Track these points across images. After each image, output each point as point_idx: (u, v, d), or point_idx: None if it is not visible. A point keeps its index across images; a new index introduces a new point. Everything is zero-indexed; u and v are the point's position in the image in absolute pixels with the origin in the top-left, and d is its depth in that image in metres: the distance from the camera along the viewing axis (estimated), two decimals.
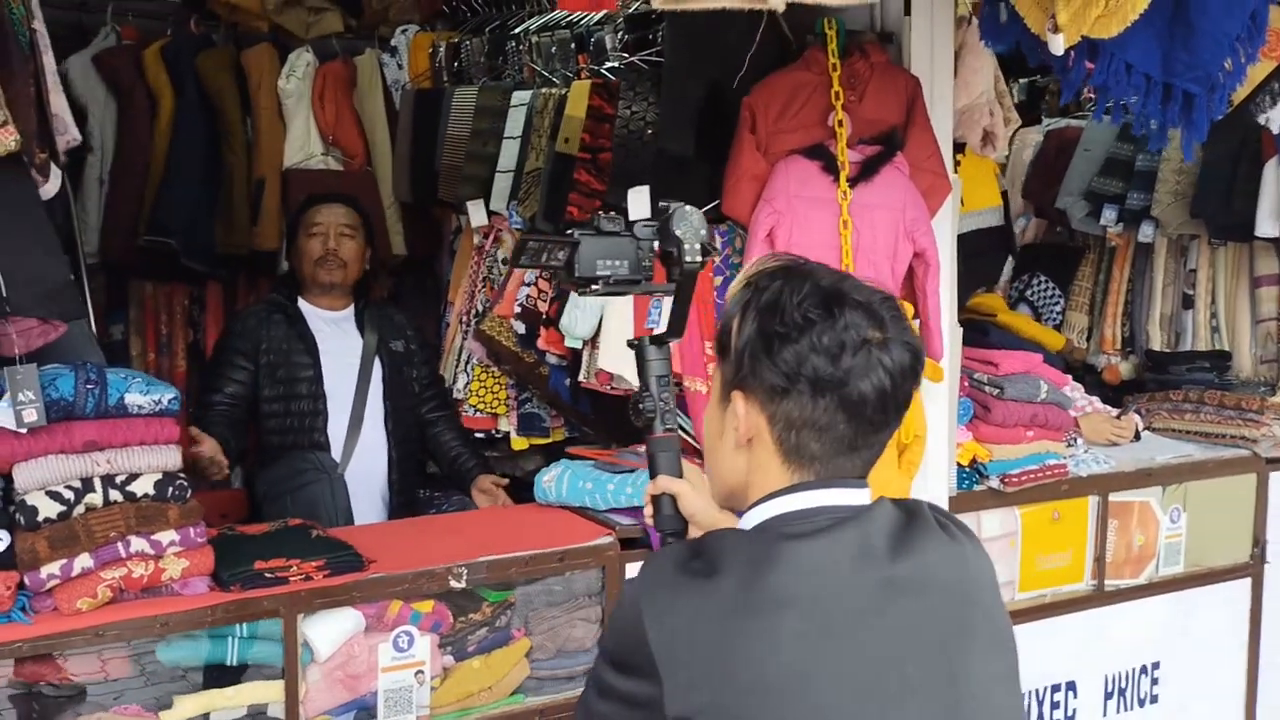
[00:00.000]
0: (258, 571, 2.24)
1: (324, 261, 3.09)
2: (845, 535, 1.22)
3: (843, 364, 1.20)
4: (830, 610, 1.19)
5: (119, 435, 2.12)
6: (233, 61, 3.96)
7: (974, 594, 1.28)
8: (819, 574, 1.20)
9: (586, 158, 2.96)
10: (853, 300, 1.23)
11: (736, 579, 1.20)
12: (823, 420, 1.22)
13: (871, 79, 2.74)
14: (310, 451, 3.00)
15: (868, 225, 2.66)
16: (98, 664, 2.13)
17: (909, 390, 1.25)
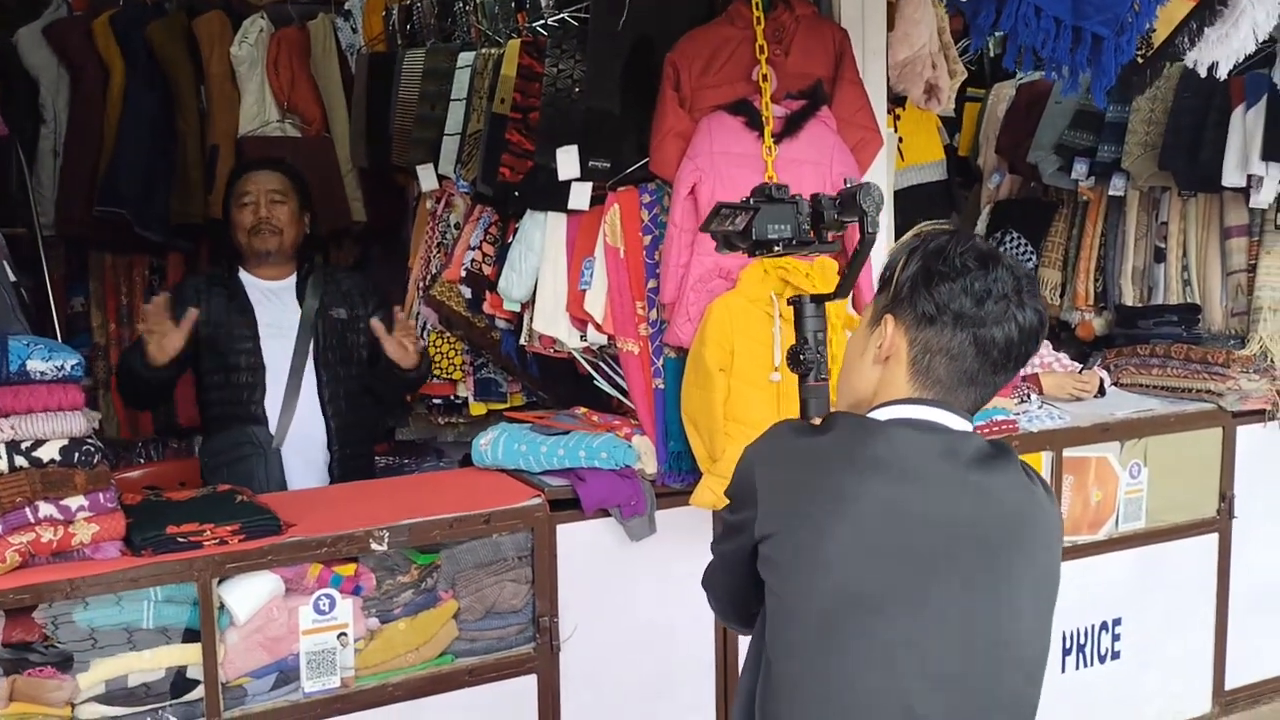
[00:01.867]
0: (170, 536, 2.26)
1: (258, 230, 3.05)
2: (940, 438, 1.44)
3: (985, 308, 1.42)
4: (911, 483, 1.40)
5: (22, 401, 2.13)
6: (184, 30, 3.93)
7: (1034, 528, 1.45)
8: (910, 452, 1.42)
9: (518, 117, 2.93)
10: (1005, 263, 1.45)
11: (840, 438, 1.45)
12: (955, 350, 1.44)
13: (797, 32, 2.70)
14: (248, 425, 2.98)
15: (794, 181, 2.59)
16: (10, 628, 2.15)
17: (1029, 349, 1.46)
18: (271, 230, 3.05)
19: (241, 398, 3.03)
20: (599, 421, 2.87)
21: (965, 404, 1.48)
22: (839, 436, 1.46)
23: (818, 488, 1.42)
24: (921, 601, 1.39)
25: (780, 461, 1.48)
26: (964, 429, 1.47)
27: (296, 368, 3.05)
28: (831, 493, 1.41)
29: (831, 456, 1.44)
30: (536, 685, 2.64)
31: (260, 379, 3.03)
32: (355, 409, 3.17)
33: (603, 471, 2.70)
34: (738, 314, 2.59)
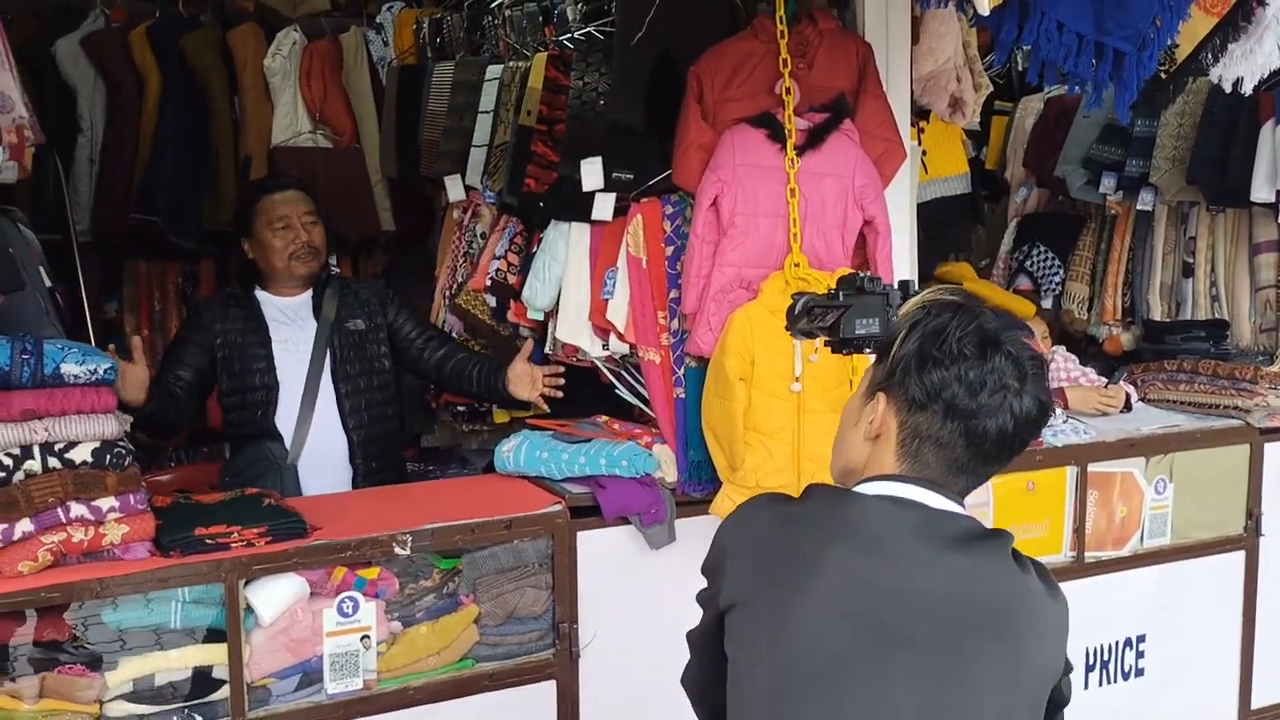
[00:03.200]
0: (198, 537, 2.29)
1: (298, 254, 3.04)
2: (919, 514, 1.40)
3: (979, 400, 1.38)
4: (879, 556, 1.36)
5: (56, 404, 2.18)
6: (218, 41, 4.01)
7: (1017, 618, 1.38)
8: (882, 525, 1.38)
9: (543, 129, 2.97)
10: (1006, 350, 1.40)
11: (814, 507, 1.44)
12: (945, 439, 1.40)
13: (821, 46, 2.72)
14: (264, 441, 2.99)
15: (816, 193, 2.65)
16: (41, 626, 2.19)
17: (1026, 439, 1.42)
18: (312, 253, 3.05)
19: (256, 415, 3.02)
20: (620, 430, 2.90)
21: (955, 488, 1.44)
22: (813, 506, 1.44)
23: (784, 555, 1.40)
24: (877, 678, 1.35)
25: (752, 530, 1.46)
26: (950, 509, 1.42)
27: (311, 383, 3.03)
28: (797, 560, 1.38)
29: (802, 524, 1.42)
30: (556, 691, 2.66)
31: (274, 396, 3.02)
32: (379, 420, 3.15)
33: (623, 479, 2.72)
34: (759, 324, 2.61)
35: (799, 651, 1.36)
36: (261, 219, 3.05)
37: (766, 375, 2.61)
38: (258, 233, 3.06)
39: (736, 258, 2.62)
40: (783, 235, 2.63)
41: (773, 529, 1.44)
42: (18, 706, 2.16)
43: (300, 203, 3.07)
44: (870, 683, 1.34)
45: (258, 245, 3.07)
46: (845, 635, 1.35)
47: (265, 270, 3.09)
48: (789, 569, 1.38)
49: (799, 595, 1.36)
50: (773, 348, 2.60)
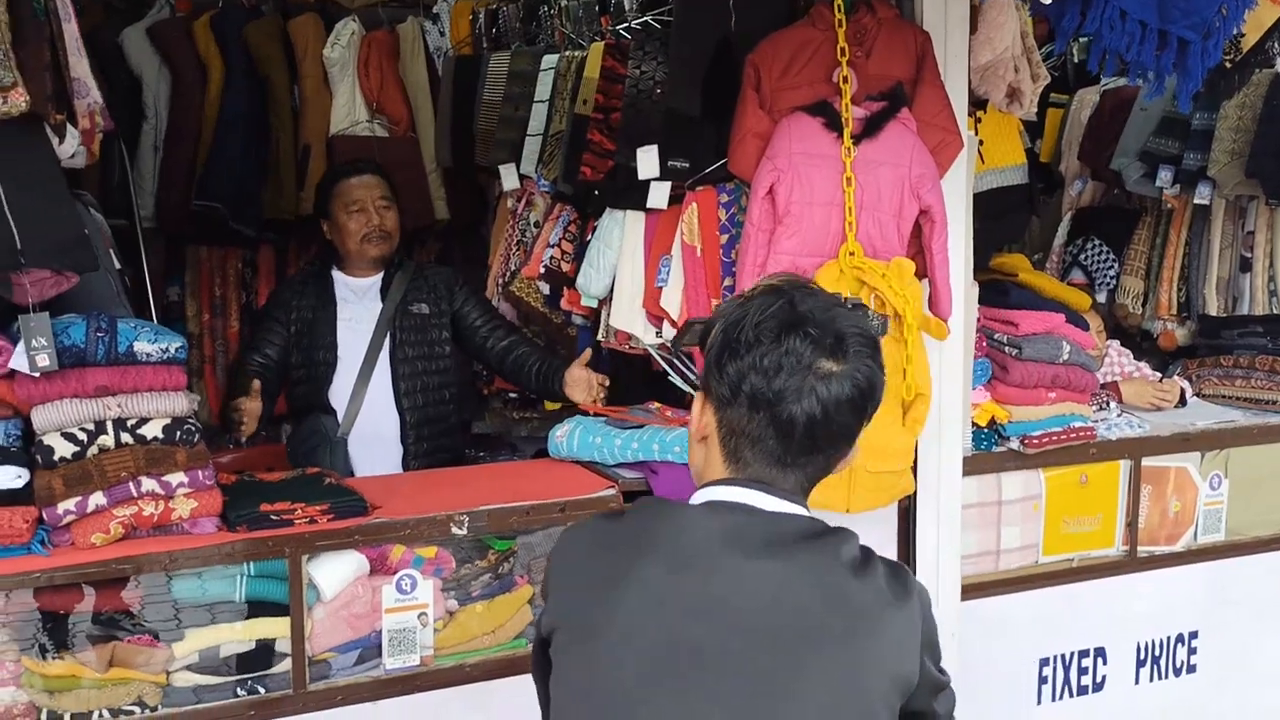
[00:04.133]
0: (263, 513, 2.35)
1: (370, 237, 3.14)
2: (734, 520, 1.32)
3: (774, 385, 1.29)
4: (686, 570, 1.30)
5: (129, 381, 2.24)
6: (280, 31, 4.08)
7: (846, 621, 1.29)
8: (691, 538, 1.32)
9: (599, 118, 3.00)
10: (806, 331, 1.30)
11: (632, 523, 1.39)
12: (755, 433, 1.32)
13: (879, 35, 2.72)
14: (320, 415, 3.10)
15: (872, 182, 2.65)
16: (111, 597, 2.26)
17: (846, 423, 1.32)
18: (383, 236, 3.15)
19: (315, 389, 3.15)
20: (671, 416, 2.92)
21: (787, 485, 1.35)
22: (634, 522, 1.38)
23: (597, 580, 1.33)
24: (680, 703, 1.27)
25: (572, 554, 1.40)
26: (780, 510, 1.33)
27: (369, 361, 3.14)
28: (606, 584, 1.32)
29: (619, 544, 1.36)
30: None
31: (332, 371, 3.14)
32: (433, 403, 3.24)
33: (675, 465, 2.74)
34: None
35: (603, 684, 1.30)
36: (338, 201, 3.17)
37: None
38: (334, 214, 3.18)
39: (792, 246, 2.63)
40: (838, 224, 2.64)
41: (591, 553, 1.38)
42: (88, 675, 2.23)
43: (375, 187, 3.17)
44: (673, 709, 1.26)
45: (334, 227, 3.19)
46: (645, 661, 1.28)
47: (340, 251, 3.21)
48: (599, 595, 1.32)
49: (604, 623, 1.30)
50: None
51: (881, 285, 2.59)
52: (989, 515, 3.12)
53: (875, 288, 2.59)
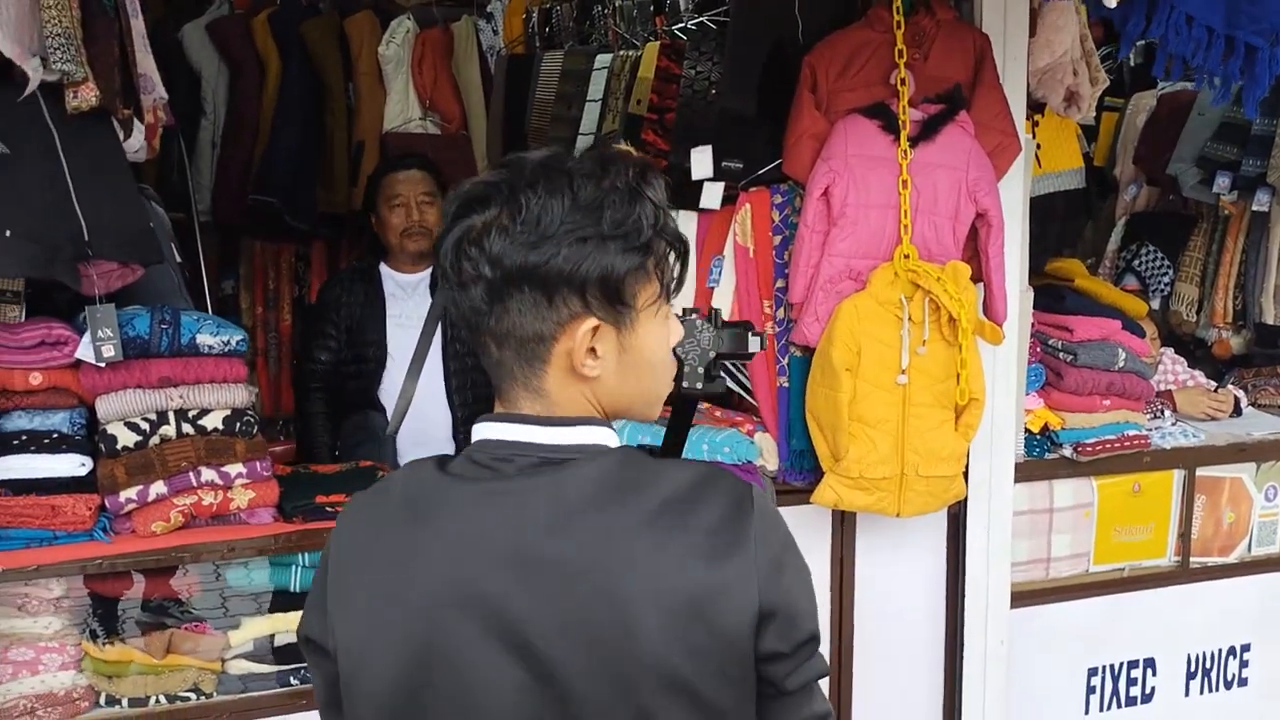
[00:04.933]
0: (319, 505, 2.38)
1: (409, 232, 3.16)
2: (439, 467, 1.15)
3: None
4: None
5: (191, 372, 2.28)
6: (336, 29, 4.12)
7: (581, 572, 1.06)
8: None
9: (654, 118, 3.00)
10: (476, 200, 1.10)
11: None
12: (466, 318, 1.16)
13: (937, 37, 2.70)
14: (369, 412, 3.12)
15: (928, 184, 2.63)
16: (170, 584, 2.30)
17: (471, 301, 1.12)
18: (423, 232, 3.16)
19: (365, 386, 3.16)
20: (721, 417, 2.92)
21: (517, 386, 1.14)
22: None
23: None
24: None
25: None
26: (533, 439, 1.11)
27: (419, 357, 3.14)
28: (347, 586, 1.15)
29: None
30: None
31: (383, 368, 3.16)
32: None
33: (726, 465, 2.74)
34: (866, 315, 2.61)
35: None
36: (383, 195, 3.20)
37: (873, 366, 2.61)
38: (379, 208, 3.21)
39: (846, 248, 2.62)
40: (893, 226, 2.62)
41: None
42: (145, 660, 2.27)
43: (420, 183, 3.18)
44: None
45: (379, 220, 3.22)
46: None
47: (385, 245, 3.24)
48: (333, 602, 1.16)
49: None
50: (880, 339, 2.60)
51: (936, 288, 2.57)
52: (1040, 523, 3.09)
53: (930, 290, 2.58)
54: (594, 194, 1.09)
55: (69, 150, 2.15)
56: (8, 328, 2.16)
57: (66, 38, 2.05)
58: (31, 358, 2.16)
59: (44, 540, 2.18)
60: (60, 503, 2.17)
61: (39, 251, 2.05)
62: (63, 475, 2.18)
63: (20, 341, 2.14)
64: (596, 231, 1.08)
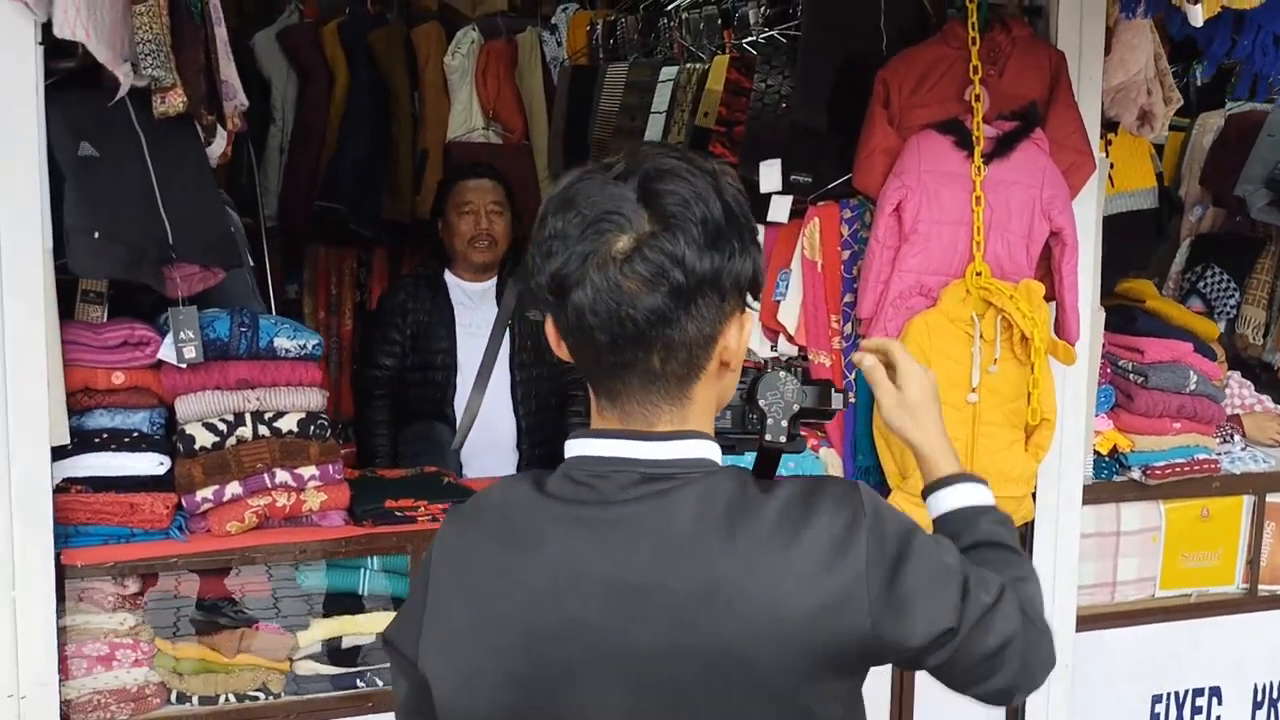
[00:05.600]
0: (388, 509, 2.40)
1: (476, 241, 3.17)
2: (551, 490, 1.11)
3: (547, 273, 1.06)
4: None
5: (268, 375, 2.31)
6: (403, 38, 4.17)
7: (687, 596, 1.05)
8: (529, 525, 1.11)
9: (722, 131, 3.01)
10: (577, 205, 1.05)
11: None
12: (571, 339, 1.09)
13: (1013, 54, 2.69)
14: (435, 422, 3.11)
15: (1002, 202, 2.62)
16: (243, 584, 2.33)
17: (649, 304, 1.04)
18: (489, 242, 3.17)
19: (433, 395, 3.15)
20: None
21: (638, 402, 1.09)
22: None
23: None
24: None
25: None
26: (658, 455, 1.08)
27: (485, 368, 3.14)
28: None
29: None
30: None
31: (453, 379, 3.15)
32: (545, 409, 3.27)
33: None
34: (937, 332, 2.59)
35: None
36: (452, 202, 3.21)
37: (943, 384, 2.54)
38: (447, 214, 3.22)
39: (917, 264, 2.61)
40: (966, 243, 2.60)
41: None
42: (217, 659, 2.30)
43: (489, 192, 3.20)
44: None
45: (446, 227, 3.23)
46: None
47: (450, 252, 3.24)
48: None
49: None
50: (951, 356, 2.58)
51: (1009, 307, 2.55)
52: (1107, 546, 3.05)
53: (1003, 309, 2.56)
54: (733, 194, 1.10)
55: (155, 154, 2.19)
56: (92, 328, 2.19)
57: (157, 44, 2.09)
58: (114, 357, 2.19)
59: (121, 537, 2.22)
60: (139, 500, 2.20)
61: (126, 253, 2.09)
62: (141, 474, 2.21)
63: (104, 341, 2.18)
64: (749, 229, 1.10)
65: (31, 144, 2.01)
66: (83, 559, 2.17)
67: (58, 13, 1.96)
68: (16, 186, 2.00)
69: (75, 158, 2.06)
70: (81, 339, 2.16)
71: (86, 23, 1.96)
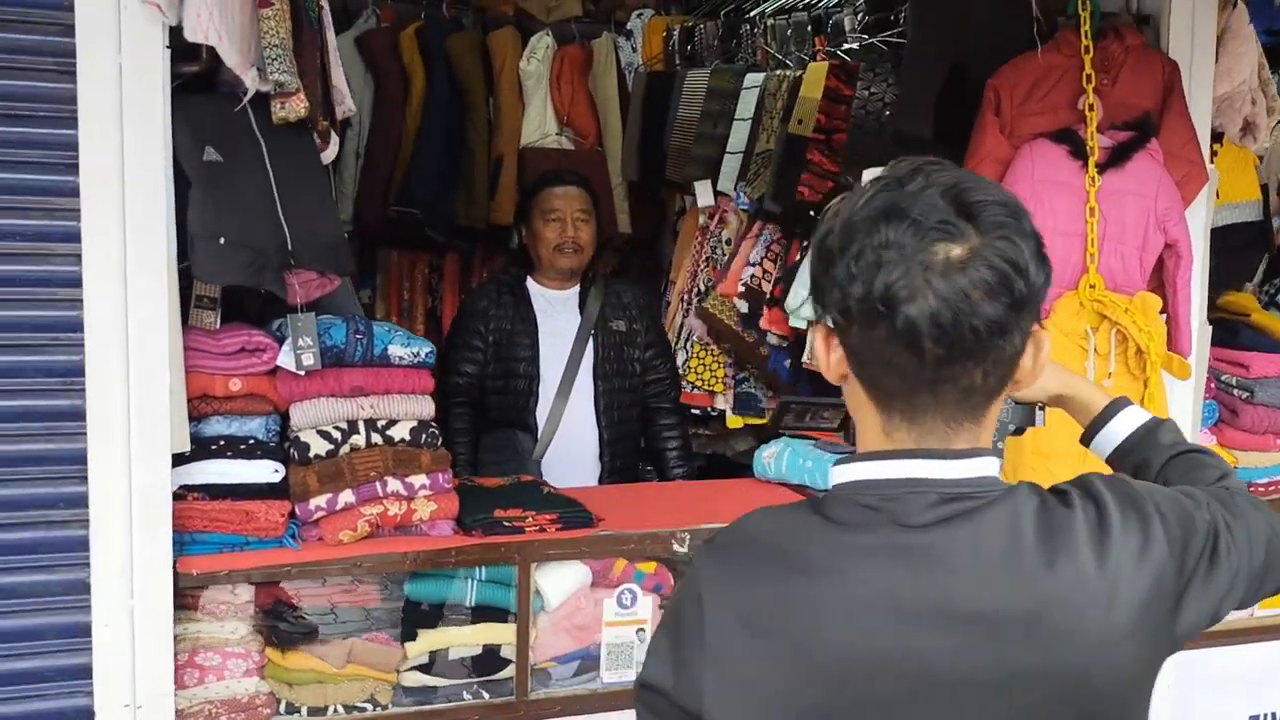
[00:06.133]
0: (497, 519, 2.37)
1: (562, 248, 3.14)
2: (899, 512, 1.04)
3: (875, 288, 1.00)
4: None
5: (381, 383, 2.29)
6: (479, 44, 4.16)
7: (1035, 626, 1.02)
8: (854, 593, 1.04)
9: (820, 138, 2.98)
10: (909, 215, 1.01)
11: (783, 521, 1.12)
12: (885, 355, 1.03)
13: (1126, 62, 2.65)
14: (517, 431, 3.08)
15: (1116, 213, 2.57)
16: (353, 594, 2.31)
17: (990, 314, 1.00)
18: (575, 249, 3.14)
19: (516, 404, 3.12)
20: None
21: (941, 414, 1.05)
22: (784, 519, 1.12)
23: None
24: None
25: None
26: (962, 473, 1.05)
27: (568, 377, 3.12)
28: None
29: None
30: None
31: (535, 388, 3.12)
32: (626, 420, 3.23)
33: None
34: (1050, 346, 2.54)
35: None
36: (538, 208, 3.18)
37: None
38: (532, 221, 3.19)
39: None
40: (1079, 255, 2.56)
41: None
42: (326, 670, 2.28)
43: (576, 199, 3.16)
44: None
45: (531, 233, 3.19)
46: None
47: (534, 259, 3.21)
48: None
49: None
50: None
51: (1124, 320, 2.50)
52: None
53: (1118, 322, 2.51)
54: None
55: (274, 160, 2.17)
56: (210, 334, 2.18)
57: (283, 48, 2.07)
58: (232, 364, 2.18)
59: (236, 545, 2.19)
60: (254, 508, 2.18)
61: (251, 259, 2.07)
62: (257, 481, 2.19)
63: (222, 348, 2.17)
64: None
65: (158, 148, 2.00)
66: (198, 567, 2.15)
67: (189, 16, 1.95)
68: (143, 191, 1.99)
69: (200, 162, 2.05)
70: (200, 345, 2.14)
71: (219, 26, 1.94)
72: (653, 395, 3.30)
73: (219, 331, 2.20)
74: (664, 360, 3.35)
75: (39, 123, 1.93)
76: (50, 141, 1.93)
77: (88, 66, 1.93)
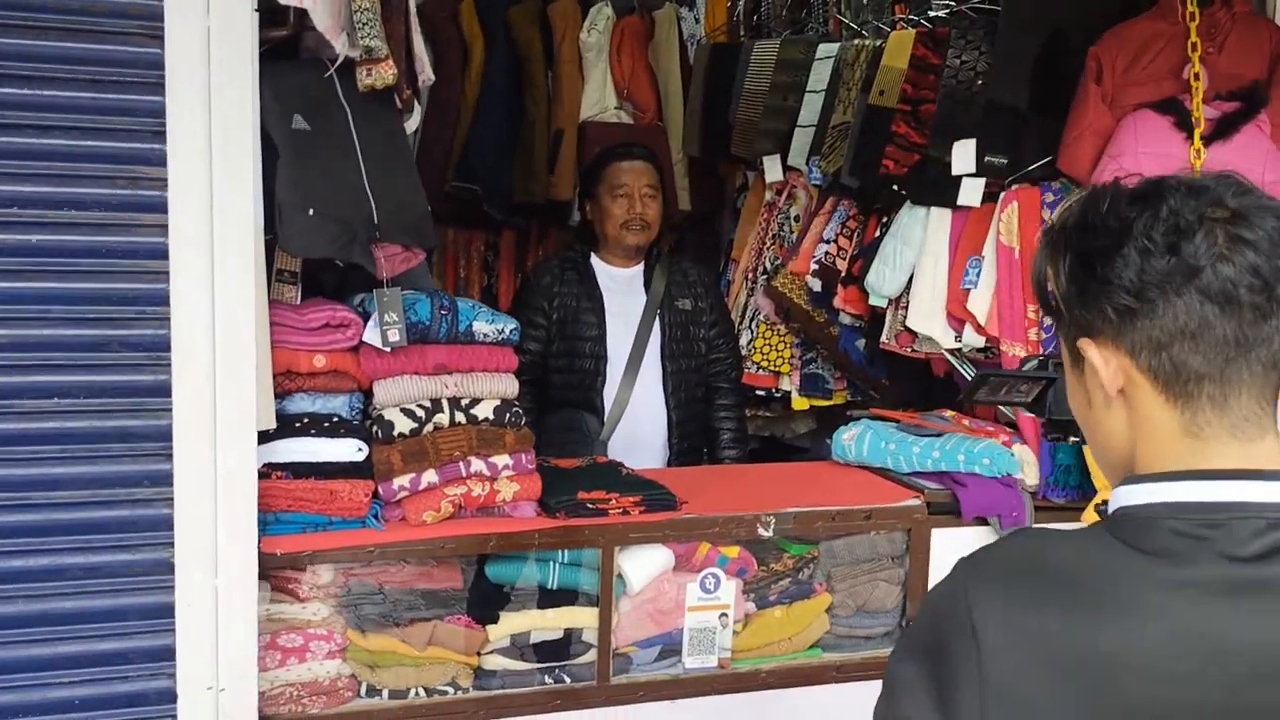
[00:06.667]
0: (581, 501, 2.31)
1: (630, 224, 3.05)
2: (1244, 575, 0.93)
3: (1185, 251, 0.95)
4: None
5: (465, 360, 2.23)
6: (539, 14, 4.06)
7: None
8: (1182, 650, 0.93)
9: (906, 109, 2.87)
10: (1172, 186, 0.98)
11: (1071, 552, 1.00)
12: (1192, 324, 0.95)
13: (1232, 30, 2.54)
14: (582, 411, 3.01)
15: None
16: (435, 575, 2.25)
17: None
18: (643, 225, 3.06)
19: (582, 384, 3.04)
20: (971, 426, 2.79)
21: (1254, 385, 0.97)
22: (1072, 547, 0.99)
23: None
24: None
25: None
26: (1264, 499, 0.95)
27: (635, 357, 3.05)
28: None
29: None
30: None
31: (602, 368, 3.04)
32: (693, 401, 3.15)
33: (984, 478, 2.61)
34: None
35: None
36: (604, 184, 3.10)
37: None
38: (599, 196, 3.11)
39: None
40: None
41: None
42: (408, 652, 2.23)
43: (644, 174, 3.08)
44: None
45: (597, 209, 3.11)
46: None
47: (599, 235, 3.13)
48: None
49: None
50: None
51: None
52: None
53: None
54: None
55: (360, 129, 2.11)
56: (295, 309, 2.12)
57: (373, 13, 2.01)
58: (316, 340, 2.11)
59: (319, 525, 2.14)
60: (338, 488, 2.13)
61: (339, 232, 2.01)
62: (341, 460, 2.14)
63: (307, 324, 2.10)
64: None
65: (246, 115, 1.92)
66: (282, 547, 2.10)
67: None
68: (231, 160, 1.92)
69: (289, 130, 1.99)
70: (285, 320, 2.08)
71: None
72: (714, 374, 3.22)
73: (302, 307, 2.14)
74: (727, 340, 3.27)
75: (126, 88, 1.86)
76: (137, 108, 1.86)
77: (175, 30, 1.86)
